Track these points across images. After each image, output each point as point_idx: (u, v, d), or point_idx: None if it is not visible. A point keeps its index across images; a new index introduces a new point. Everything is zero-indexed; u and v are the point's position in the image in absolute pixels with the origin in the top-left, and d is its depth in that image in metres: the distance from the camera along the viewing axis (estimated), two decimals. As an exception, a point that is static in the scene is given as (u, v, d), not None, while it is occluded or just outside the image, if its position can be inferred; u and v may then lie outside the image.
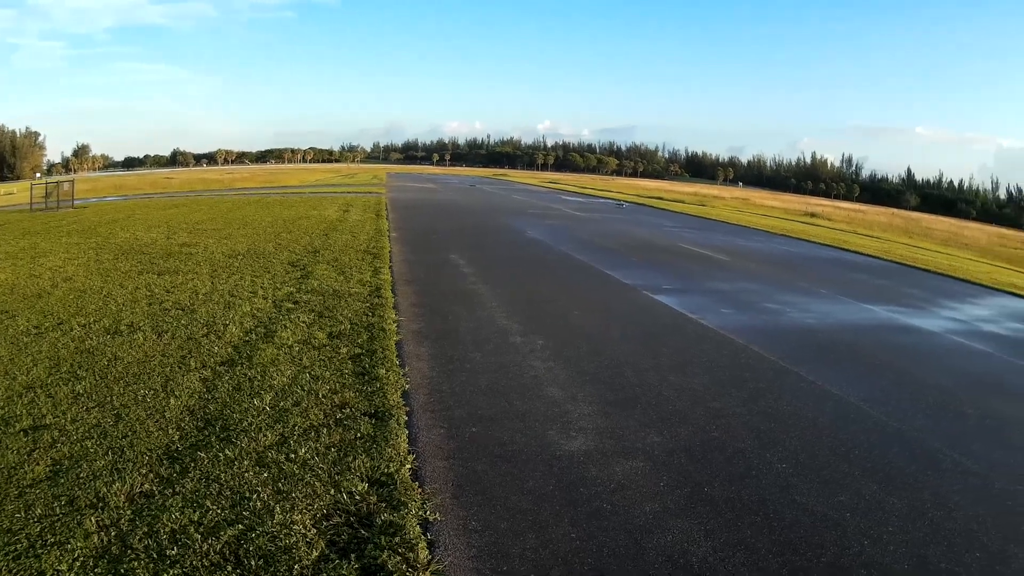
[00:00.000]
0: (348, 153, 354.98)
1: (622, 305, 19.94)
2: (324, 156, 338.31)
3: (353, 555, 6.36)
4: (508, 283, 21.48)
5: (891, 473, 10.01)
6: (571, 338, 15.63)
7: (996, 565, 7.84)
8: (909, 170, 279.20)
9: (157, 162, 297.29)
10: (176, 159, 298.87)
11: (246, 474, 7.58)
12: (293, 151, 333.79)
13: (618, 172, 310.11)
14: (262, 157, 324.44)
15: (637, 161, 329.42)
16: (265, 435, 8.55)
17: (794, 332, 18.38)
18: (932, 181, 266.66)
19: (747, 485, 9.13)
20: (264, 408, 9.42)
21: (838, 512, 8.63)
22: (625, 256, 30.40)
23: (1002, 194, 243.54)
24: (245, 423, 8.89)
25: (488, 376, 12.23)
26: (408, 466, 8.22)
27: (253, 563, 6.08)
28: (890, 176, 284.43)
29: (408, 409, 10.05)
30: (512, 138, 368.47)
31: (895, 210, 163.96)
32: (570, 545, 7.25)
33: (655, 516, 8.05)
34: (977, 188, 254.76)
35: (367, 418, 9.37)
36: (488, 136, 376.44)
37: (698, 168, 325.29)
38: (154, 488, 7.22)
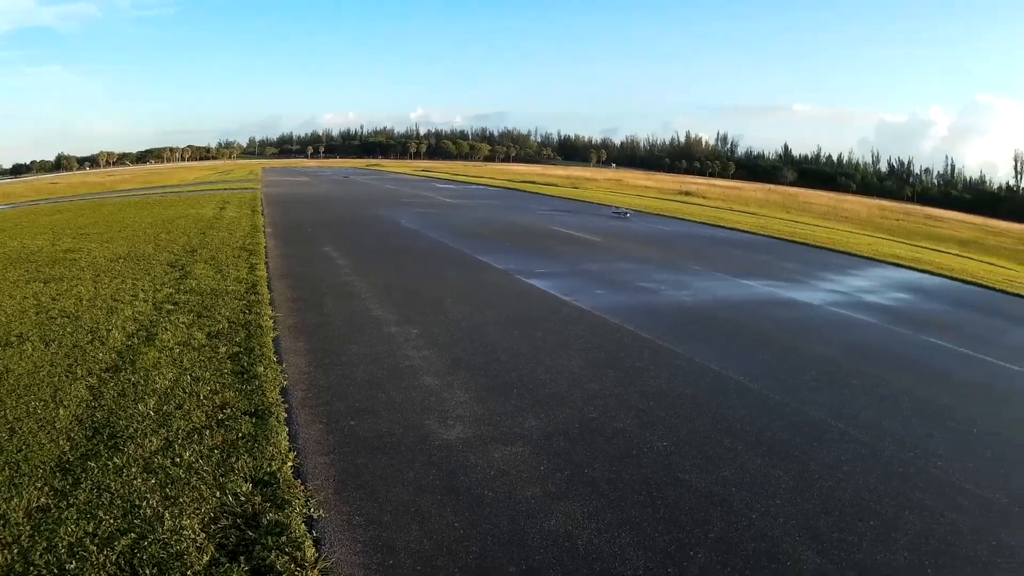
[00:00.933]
0: (225, 150, 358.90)
1: (496, 291, 20.45)
2: (202, 154, 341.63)
3: (242, 557, 6.69)
4: (382, 273, 22.12)
5: (775, 446, 10.54)
6: (445, 326, 16.06)
7: (892, 533, 8.37)
8: (786, 146, 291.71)
9: (43, 167, 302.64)
10: (60, 164, 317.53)
11: (135, 481, 7.92)
12: (172, 150, 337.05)
13: (490, 158, 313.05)
14: (142, 158, 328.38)
15: (510, 146, 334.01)
16: (151, 440, 8.93)
17: (670, 310, 19.13)
18: (810, 156, 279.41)
19: (628, 465, 9.45)
20: (149, 413, 9.84)
21: (723, 487, 9.03)
22: (498, 242, 31.07)
23: (883, 167, 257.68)
24: (131, 429, 9.27)
25: (364, 368, 12.66)
26: (290, 464, 8.57)
27: (147, 572, 6.40)
28: (767, 153, 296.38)
29: (287, 406, 10.42)
30: (385, 128, 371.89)
31: (772, 186, 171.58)
32: (454, 534, 7.52)
33: (537, 500, 8.31)
34: (857, 162, 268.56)
35: (247, 417, 9.76)
36: (362, 127, 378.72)
37: (571, 151, 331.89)
38: (50, 502, 7.51)
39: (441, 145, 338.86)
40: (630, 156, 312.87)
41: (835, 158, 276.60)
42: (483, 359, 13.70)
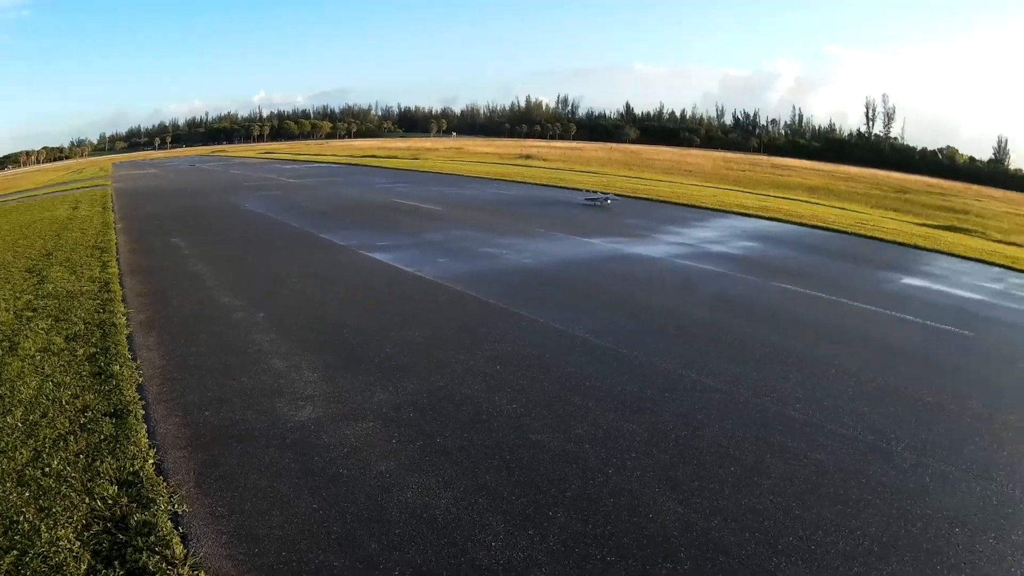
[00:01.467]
0: (77, 149, 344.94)
1: (339, 267, 20.43)
2: (56, 155, 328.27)
3: (116, 562, 6.85)
4: (228, 260, 22.22)
5: (627, 400, 10.79)
6: (291, 307, 16.06)
7: (754, 477, 8.66)
8: (628, 105, 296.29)
9: None
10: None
11: (11, 496, 8.00)
12: (28, 153, 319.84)
13: (332, 135, 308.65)
14: (0, 164, 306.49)
15: (351, 122, 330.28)
16: (21, 452, 9.01)
17: (514, 274, 19.38)
18: (652, 114, 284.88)
19: (479, 431, 9.51)
20: (17, 424, 9.90)
21: (577, 445, 9.16)
22: (340, 219, 30.93)
23: (728, 120, 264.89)
24: (2, 443, 9.30)
25: (215, 357, 12.72)
26: (151, 461, 8.72)
27: (32, 588, 6.51)
28: (608, 113, 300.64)
29: (144, 403, 10.51)
30: (230, 113, 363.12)
31: (614, 145, 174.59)
32: (314, 516, 7.62)
33: (392, 474, 8.40)
34: (701, 116, 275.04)
35: (108, 418, 9.90)
36: (207, 114, 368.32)
37: (412, 122, 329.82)
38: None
39: (284, 126, 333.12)
40: (471, 124, 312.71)
41: (678, 114, 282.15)
42: (329, 337, 13.76)
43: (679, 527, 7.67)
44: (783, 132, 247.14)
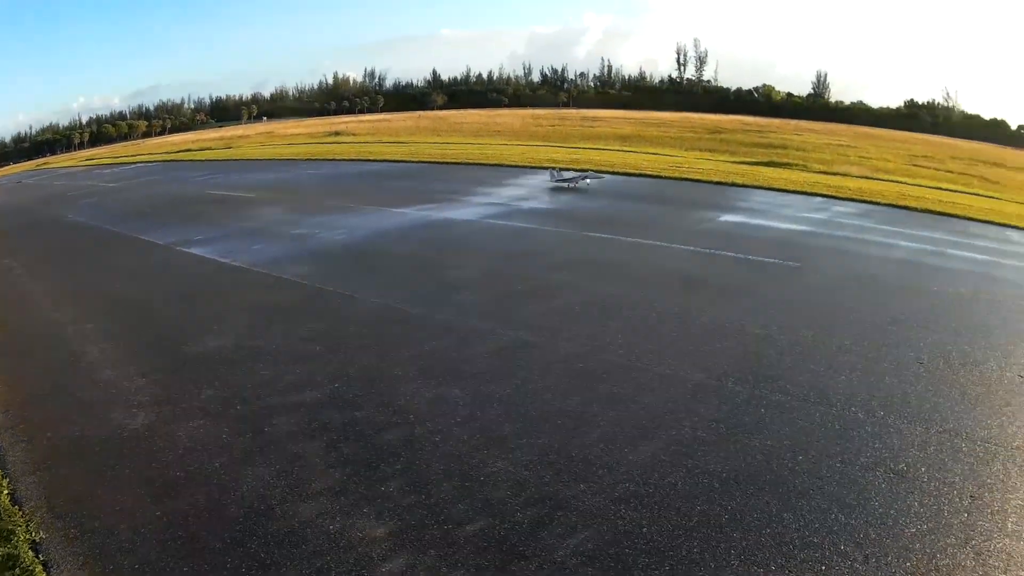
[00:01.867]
0: None
1: (159, 266, 19.93)
2: None
3: None
4: (56, 273, 21.31)
5: (449, 367, 10.87)
6: (116, 314, 15.56)
7: (581, 427, 8.81)
8: (435, 71, 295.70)
9: None
10: None
11: None
12: None
13: (148, 134, 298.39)
14: None
15: (165, 118, 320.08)
16: None
17: (327, 251, 19.18)
18: (460, 78, 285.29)
19: (303, 414, 9.45)
20: None
21: (401, 416, 9.16)
22: (156, 217, 29.89)
23: (536, 77, 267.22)
24: None
25: (51, 376, 12.27)
26: (6, 491, 8.48)
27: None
28: (416, 81, 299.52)
29: None
30: (52, 123, 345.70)
31: (421, 113, 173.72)
32: (159, 524, 7.47)
33: (227, 469, 8.31)
34: (509, 76, 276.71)
35: None
36: (31, 127, 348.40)
37: (224, 112, 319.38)
38: None
39: (103, 131, 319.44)
40: (281, 107, 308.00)
41: (485, 76, 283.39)
42: (153, 338, 13.48)
43: (512, 487, 7.69)
44: (592, 85, 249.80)
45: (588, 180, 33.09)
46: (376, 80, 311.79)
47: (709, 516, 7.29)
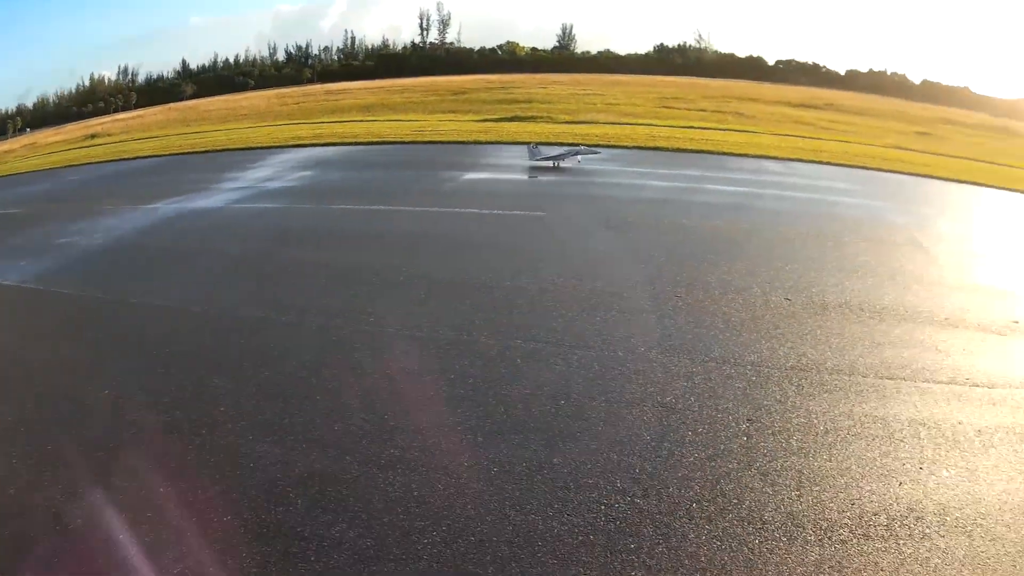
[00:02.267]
0: None
1: None
2: None
3: None
4: None
5: (207, 355, 10.59)
6: None
7: (341, 399, 8.93)
8: (184, 61, 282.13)
9: None
10: None
11: None
12: None
13: None
14: None
15: None
16: None
17: (85, 258, 17.85)
18: (207, 66, 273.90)
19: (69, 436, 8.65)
20: None
21: (168, 414, 8.77)
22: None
23: (281, 56, 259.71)
24: None
25: None
26: None
27: None
28: (166, 74, 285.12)
29: None
30: None
31: (172, 105, 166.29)
32: None
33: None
34: (255, 58, 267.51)
35: None
36: None
37: None
38: None
39: None
40: (43, 115, 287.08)
41: (232, 60, 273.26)
42: None
43: (280, 466, 7.61)
44: (336, 58, 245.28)
45: (579, 157, 27.40)
46: (129, 77, 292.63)
47: (478, 469, 7.34)
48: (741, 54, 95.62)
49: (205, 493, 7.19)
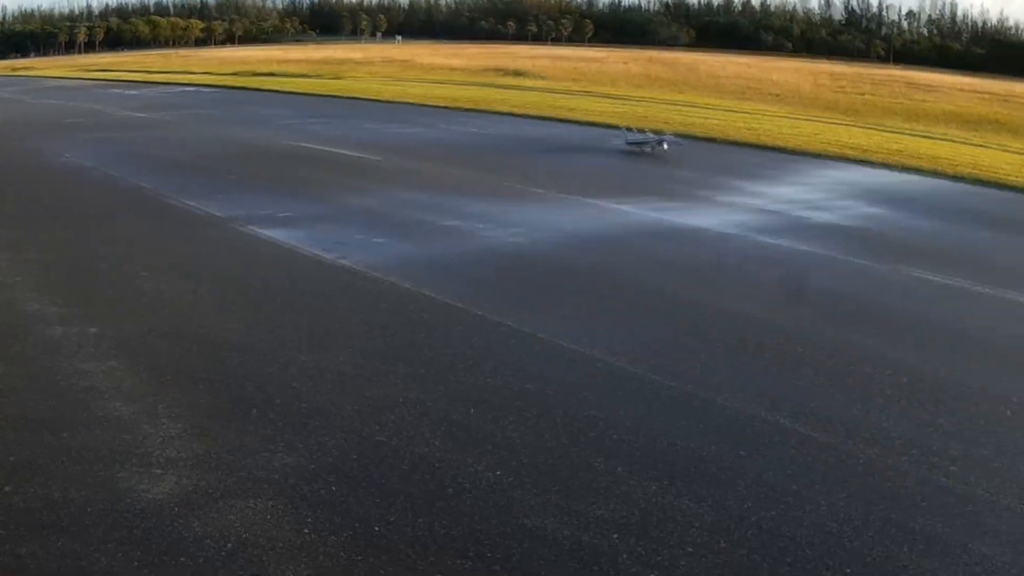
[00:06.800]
0: None
1: (217, 254, 20.41)
2: None
3: None
4: (43, 245, 21.50)
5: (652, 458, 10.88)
6: (137, 318, 15.77)
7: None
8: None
9: None
10: None
11: None
12: None
13: (205, 41, 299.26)
14: None
15: (235, 20, 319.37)
16: None
17: (493, 260, 19.63)
18: (715, 5, 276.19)
19: (440, 512, 9.40)
20: None
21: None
22: (217, 176, 30.91)
23: (837, 14, 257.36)
24: None
25: (18, 398, 12.40)
26: None
27: None
28: (644, 4, 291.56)
29: None
30: (40, 8, 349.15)
31: (654, 53, 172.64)
32: None
33: None
34: (794, 7, 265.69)
35: None
36: (3, 9, 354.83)
37: (331, 21, 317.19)
38: None
39: (127, 27, 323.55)
40: (426, 22, 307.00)
41: (756, 5, 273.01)
42: (201, 366, 13.55)
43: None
44: (926, 32, 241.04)
45: (667, 145, 37.18)
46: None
47: None
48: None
49: None
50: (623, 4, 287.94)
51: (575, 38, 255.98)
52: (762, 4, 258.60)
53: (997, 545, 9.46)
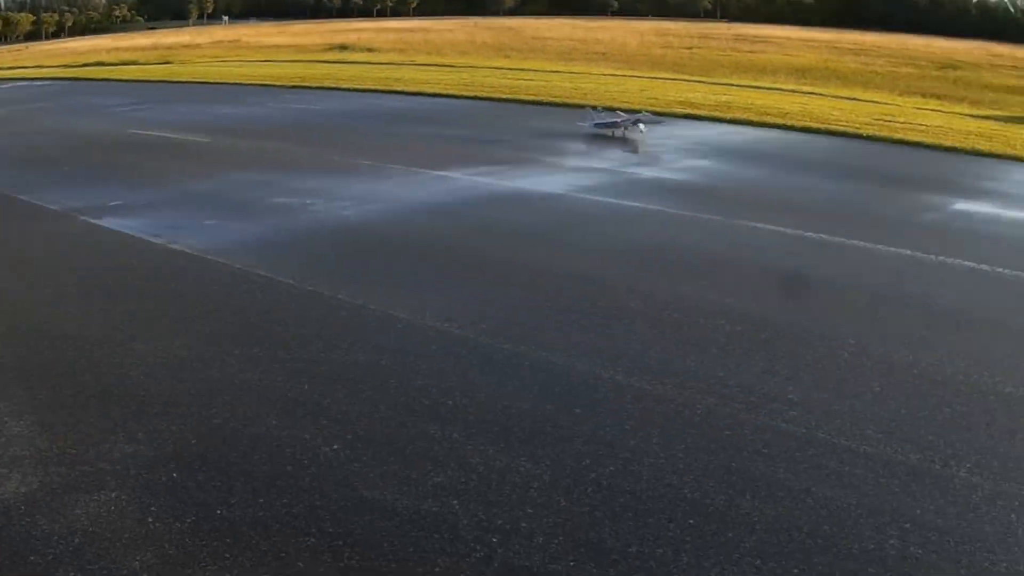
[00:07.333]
0: None
1: (52, 248, 20.06)
2: None
3: None
4: None
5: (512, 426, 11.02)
6: None
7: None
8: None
9: None
10: None
11: None
12: None
13: (36, 34, 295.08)
14: None
15: (65, 13, 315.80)
16: None
17: (326, 235, 19.70)
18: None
19: (284, 493, 9.49)
20: None
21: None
22: (50, 168, 30.24)
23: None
24: None
25: None
26: None
27: None
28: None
29: None
30: None
31: (479, 19, 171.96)
32: None
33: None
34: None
35: None
36: None
37: (161, 7, 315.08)
38: None
39: None
40: (252, 3, 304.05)
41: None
42: (38, 359, 13.47)
43: None
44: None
45: (642, 126, 34.39)
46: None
47: None
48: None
49: None
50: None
51: (400, 10, 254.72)
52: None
53: (840, 487, 9.76)
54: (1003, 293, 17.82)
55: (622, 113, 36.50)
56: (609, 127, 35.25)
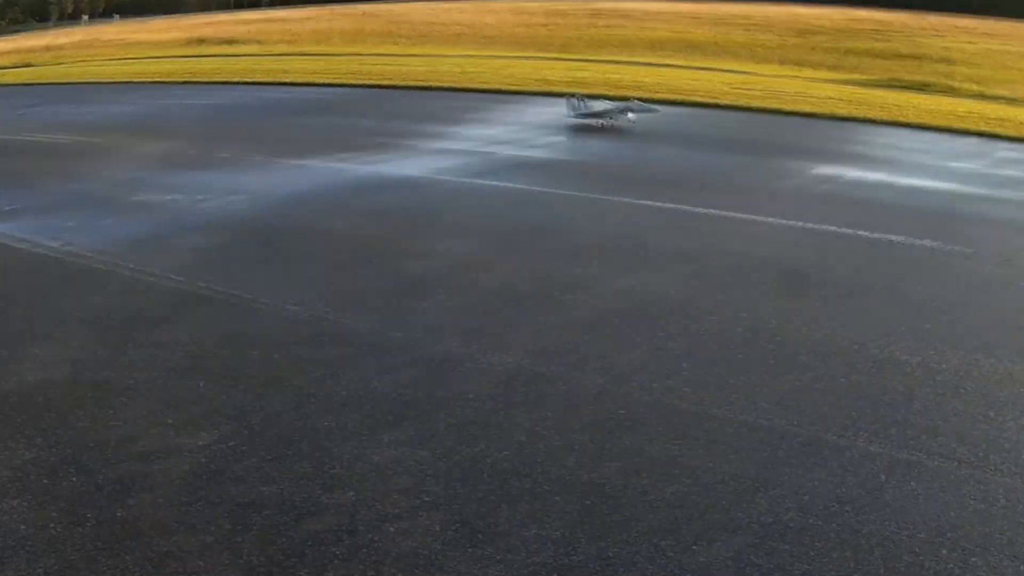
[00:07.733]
0: None
1: None
2: None
3: None
4: None
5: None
6: None
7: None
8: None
9: None
10: None
11: None
12: None
13: None
14: None
15: None
16: None
17: (212, 230, 19.13)
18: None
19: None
20: None
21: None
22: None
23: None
24: None
25: None
26: None
27: None
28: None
29: None
30: None
31: (366, 6, 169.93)
32: None
33: None
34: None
35: None
36: None
37: (39, 8, 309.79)
38: None
39: None
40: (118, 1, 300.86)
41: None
42: None
43: None
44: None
45: (632, 115, 32.39)
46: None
47: None
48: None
49: None
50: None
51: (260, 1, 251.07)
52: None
53: (739, 462, 9.80)
54: (870, 256, 17.70)
55: (608, 102, 34.13)
56: (595, 117, 33.01)
